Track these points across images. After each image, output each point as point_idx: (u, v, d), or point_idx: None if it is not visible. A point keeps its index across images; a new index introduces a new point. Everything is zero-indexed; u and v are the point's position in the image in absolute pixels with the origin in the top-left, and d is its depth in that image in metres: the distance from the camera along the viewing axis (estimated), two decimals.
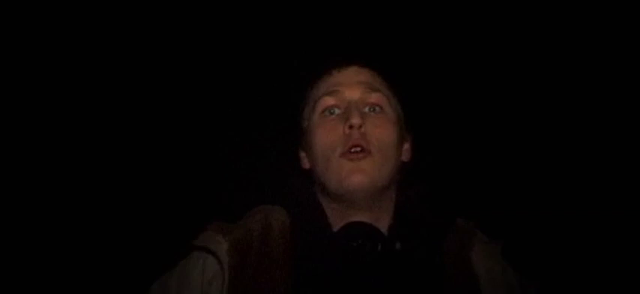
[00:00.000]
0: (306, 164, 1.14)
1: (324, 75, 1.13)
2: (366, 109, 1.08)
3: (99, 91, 1.62)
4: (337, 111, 1.08)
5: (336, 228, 1.05)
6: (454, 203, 1.17)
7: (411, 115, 1.16)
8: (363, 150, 1.03)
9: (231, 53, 1.64)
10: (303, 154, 1.15)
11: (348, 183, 1.02)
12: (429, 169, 1.26)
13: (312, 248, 1.02)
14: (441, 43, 1.61)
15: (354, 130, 1.03)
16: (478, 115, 1.60)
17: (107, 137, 1.61)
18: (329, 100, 1.09)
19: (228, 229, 1.05)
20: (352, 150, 1.03)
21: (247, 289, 0.97)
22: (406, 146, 1.14)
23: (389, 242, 1.03)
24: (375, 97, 1.09)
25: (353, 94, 1.08)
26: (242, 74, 1.63)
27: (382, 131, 1.06)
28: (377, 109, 1.08)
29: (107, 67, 1.62)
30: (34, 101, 1.58)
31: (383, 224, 1.07)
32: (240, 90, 1.62)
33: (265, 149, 1.53)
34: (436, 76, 1.59)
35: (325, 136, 1.06)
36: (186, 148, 1.61)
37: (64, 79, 1.59)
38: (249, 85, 1.62)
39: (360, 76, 1.11)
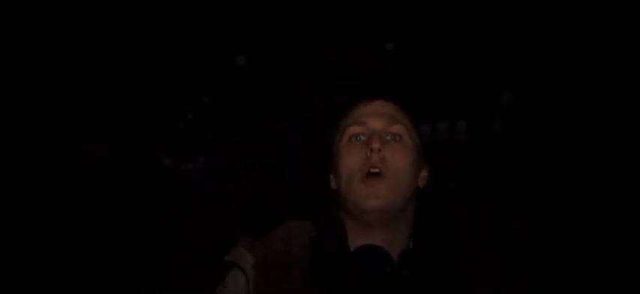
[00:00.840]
0: (333, 185, 1.29)
1: (353, 107, 1.29)
2: (388, 138, 1.22)
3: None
4: (362, 138, 1.23)
5: (353, 247, 1.20)
6: (470, 228, 1.28)
7: (428, 145, 1.29)
8: (379, 173, 1.18)
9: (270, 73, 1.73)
10: (331, 176, 1.30)
11: (365, 205, 1.18)
12: (447, 195, 1.37)
13: (329, 266, 1.18)
14: (463, 77, 1.70)
15: (373, 154, 1.19)
16: (498, 146, 1.69)
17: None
18: (356, 129, 1.24)
19: (254, 245, 1.22)
20: (371, 171, 1.19)
21: None
22: (423, 173, 1.27)
23: (398, 268, 1.17)
24: (396, 128, 1.23)
25: (377, 124, 1.23)
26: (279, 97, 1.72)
27: (399, 157, 1.21)
28: (397, 138, 1.23)
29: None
30: (36, 102, 1.65)
31: (397, 246, 1.21)
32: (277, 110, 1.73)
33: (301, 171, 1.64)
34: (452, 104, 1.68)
35: (350, 159, 1.22)
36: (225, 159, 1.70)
37: (63, 80, 1.67)
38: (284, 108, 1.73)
39: (385, 108, 1.27)
